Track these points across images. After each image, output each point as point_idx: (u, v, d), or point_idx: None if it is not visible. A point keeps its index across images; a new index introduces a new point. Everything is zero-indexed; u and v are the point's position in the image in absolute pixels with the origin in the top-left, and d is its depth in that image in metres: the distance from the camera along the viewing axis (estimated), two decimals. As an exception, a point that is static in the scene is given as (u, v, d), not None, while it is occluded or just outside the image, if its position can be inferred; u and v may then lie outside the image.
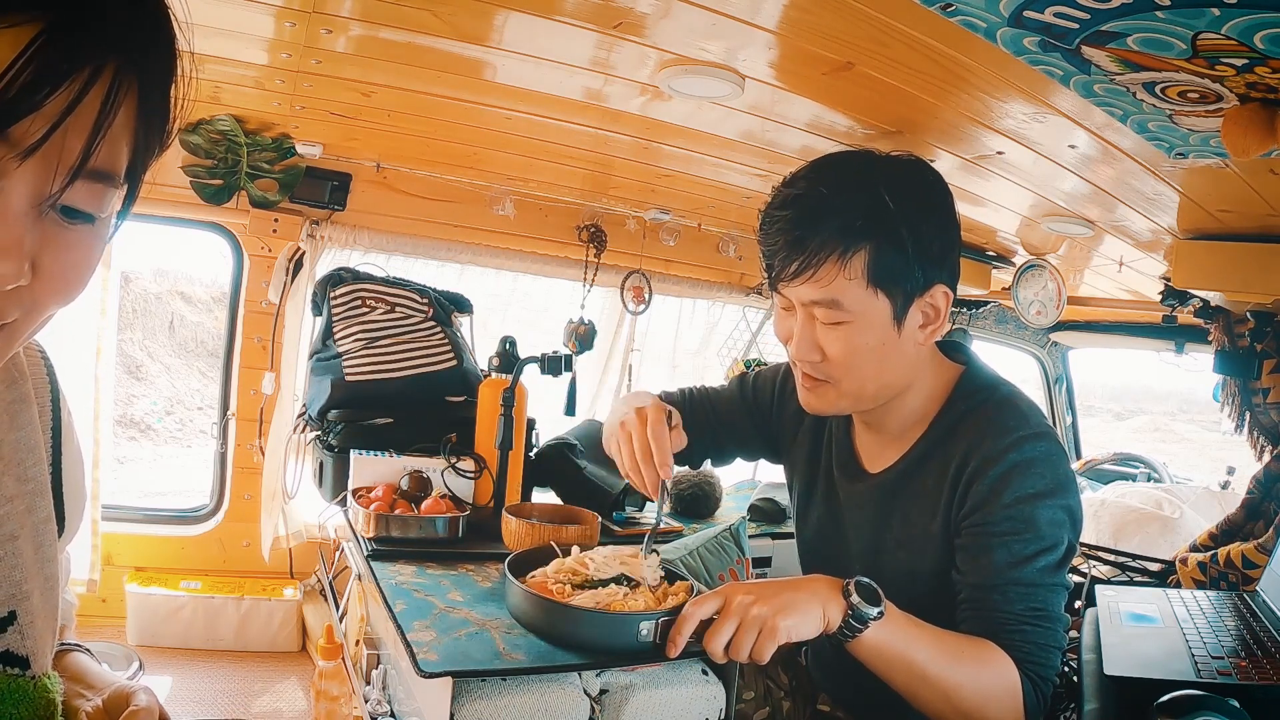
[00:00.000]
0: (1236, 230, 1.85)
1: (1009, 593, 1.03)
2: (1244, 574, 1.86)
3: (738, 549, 2.07)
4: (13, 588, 0.61)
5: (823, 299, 1.06)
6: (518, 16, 1.25)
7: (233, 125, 2.17)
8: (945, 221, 1.10)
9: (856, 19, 1.09)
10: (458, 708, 1.01)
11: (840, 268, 1.04)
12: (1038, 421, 1.10)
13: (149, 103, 0.51)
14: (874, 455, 1.23)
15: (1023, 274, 2.73)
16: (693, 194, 2.50)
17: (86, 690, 0.71)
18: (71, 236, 0.50)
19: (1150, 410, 14.73)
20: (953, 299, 1.11)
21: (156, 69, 0.51)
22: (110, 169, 0.50)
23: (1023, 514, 1.03)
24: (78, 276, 0.52)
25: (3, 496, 0.62)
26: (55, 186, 0.47)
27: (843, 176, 1.08)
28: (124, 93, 0.48)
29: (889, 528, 1.18)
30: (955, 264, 1.11)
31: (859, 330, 1.07)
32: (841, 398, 1.14)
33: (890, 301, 1.06)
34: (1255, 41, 0.89)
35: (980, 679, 0.99)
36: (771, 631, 0.94)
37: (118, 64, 0.47)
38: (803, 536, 1.37)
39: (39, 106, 0.44)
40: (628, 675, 1.12)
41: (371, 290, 2.11)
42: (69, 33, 0.44)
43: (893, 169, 1.09)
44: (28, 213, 0.47)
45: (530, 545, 1.36)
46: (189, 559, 2.50)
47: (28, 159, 0.45)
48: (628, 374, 3.18)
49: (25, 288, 0.49)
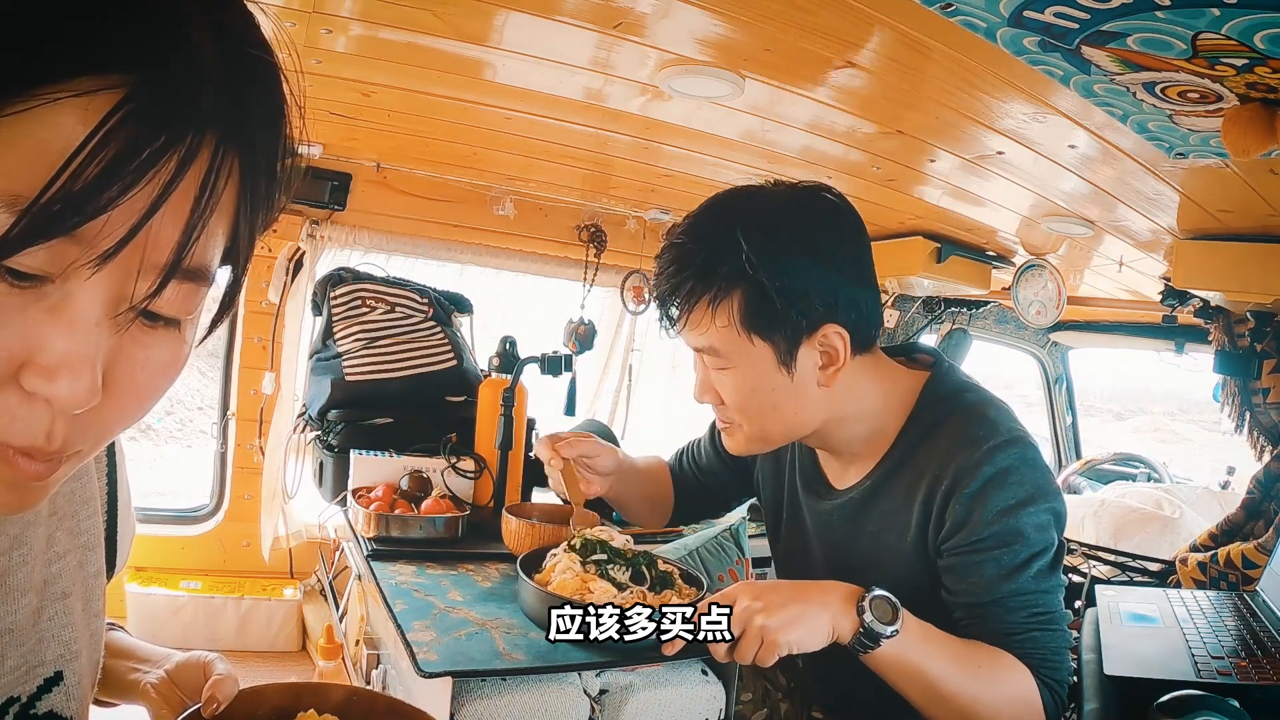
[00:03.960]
0: (1236, 230, 1.85)
1: (1009, 604, 1.01)
2: (1244, 574, 1.87)
3: (737, 549, 2.07)
4: (61, 647, 0.57)
5: (703, 346, 1.07)
6: (518, 16, 1.25)
7: (233, 125, 2.17)
8: (829, 258, 1.04)
9: (856, 19, 1.09)
10: (458, 708, 1.01)
11: (710, 315, 1.04)
12: (1008, 427, 1.06)
13: (254, 182, 0.41)
14: (839, 472, 1.19)
15: (1023, 274, 2.73)
16: (693, 194, 2.50)
17: (140, 665, 0.69)
18: (153, 342, 0.41)
19: (1150, 410, 14.72)
20: (853, 338, 1.05)
21: (264, 140, 0.41)
22: (204, 265, 0.40)
23: (1008, 526, 1.00)
24: (154, 389, 0.43)
25: (55, 553, 0.57)
26: (139, 294, 0.38)
27: (709, 224, 1.07)
28: (226, 175, 0.38)
29: (858, 545, 1.14)
30: (854, 298, 1.05)
31: (744, 375, 1.06)
32: (750, 440, 1.12)
33: (771, 345, 1.03)
34: (1255, 41, 0.89)
35: (999, 691, 0.97)
36: (773, 646, 0.92)
37: (218, 139, 0.38)
38: (775, 555, 1.35)
39: (120, 199, 0.34)
40: (628, 675, 1.12)
41: (371, 290, 2.11)
42: (157, 103, 0.34)
43: (767, 211, 1.06)
44: (104, 321, 0.38)
45: (531, 545, 1.36)
46: (189, 559, 2.50)
47: (105, 264, 0.36)
48: (628, 374, 3.18)
49: (94, 407, 0.39)
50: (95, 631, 0.62)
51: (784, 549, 1.30)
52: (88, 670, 0.61)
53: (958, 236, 2.62)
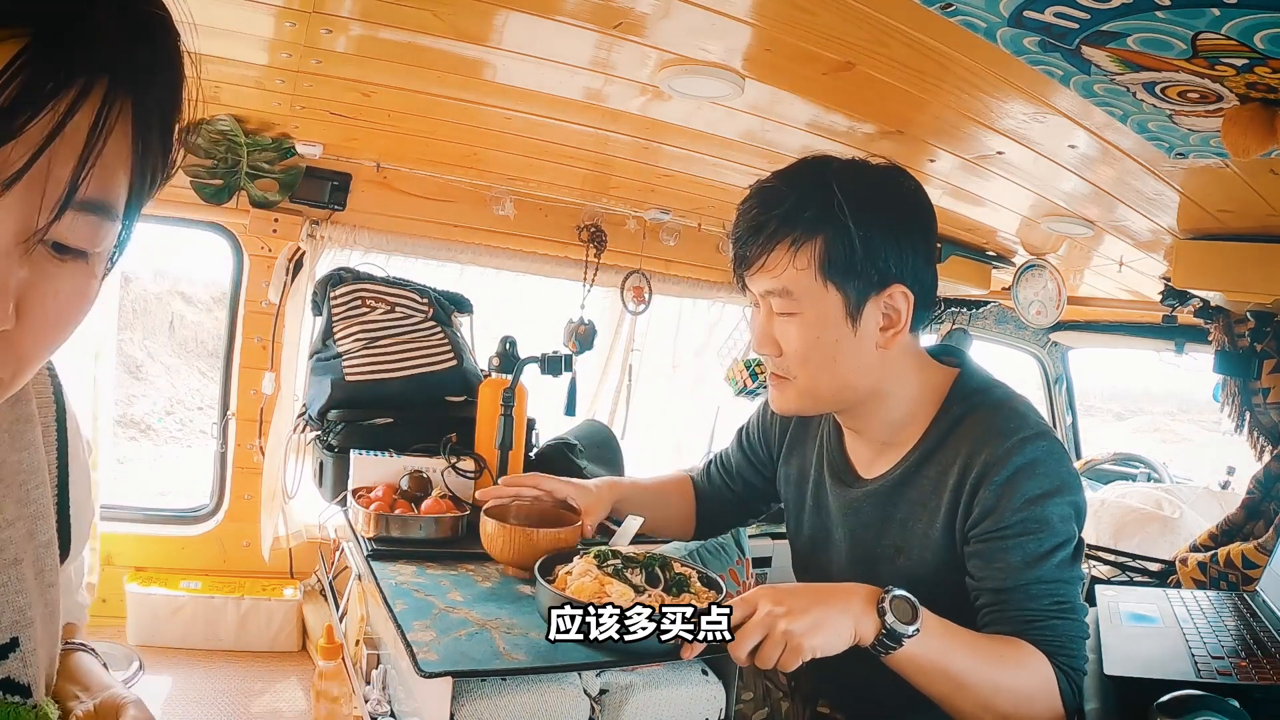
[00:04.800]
0: (1236, 230, 1.85)
1: (1032, 590, 1.03)
2: (1244, 574, 1.87)
3: (738, 549, 2.07)
4: (16, 614, 0.58)
5: (775, 288, 1.09)
6: (518, 16, 1.25)
7: (233, 125, 2.17)
8: (907, 225, 1.10)
9: (856, 19, 1.09)
10: (458, 708, 1.01)
11: (791, 256, 1.07)
12: (1036, 421, 1.10)
13: (147, 128, 0.46)
14: (867, 462, 1.22)
15: (1023, 274, 2.74)
16: (693, 194, 2.50)
17: (82, 692, 0.70)
18: (62, 274, 0.46)
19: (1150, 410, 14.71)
20: (917, 303, 1.10)
21: (155, 89, 0.46)
22: (103, 199, 0.45)
23: (1034, 514, 1.04)
24: (67, 319, 0.47)
25: (3, 520, 0.59)
26: (42, 220, 0.43)
27: (804, 174, 1.12)
28: (117, 115, 0.44)
29: (886, 534, 1.17)
30: (919, 270, 1.11)
31: (810, 323, 1.09)
32: (801, 396, 1.14)
33: (842, 296, 1.07)
34: (1255, 41, 0.89)
35: (1019, 680, 0.99)
36: (797, 650, 0.93)
37: (110, 83, 0.43)
38: (796, 546, 1.36)
39: (20, 131, 0.39)
40: (628, 675, 1.12)
41: (371, 290, 2.11)
42: (54, 48, 0.40)
43: (858, 172, 1.11)
44: (12, 250, 0.43)
45: (509, 552, 1.35)
46: (189, 559, 2.50)
47: (9, 189, 0.41)
48: (628, 374, 3.18)
49: (7, 334, 0.44)
50: (50, 603, 0.63)
51: (807, 540, 1.31)
52: (44, 641, 0.62)
53: (958, 236, 2.62)
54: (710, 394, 3.45)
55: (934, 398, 1.17)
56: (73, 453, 0.69)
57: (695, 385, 3.49)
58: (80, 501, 0.71)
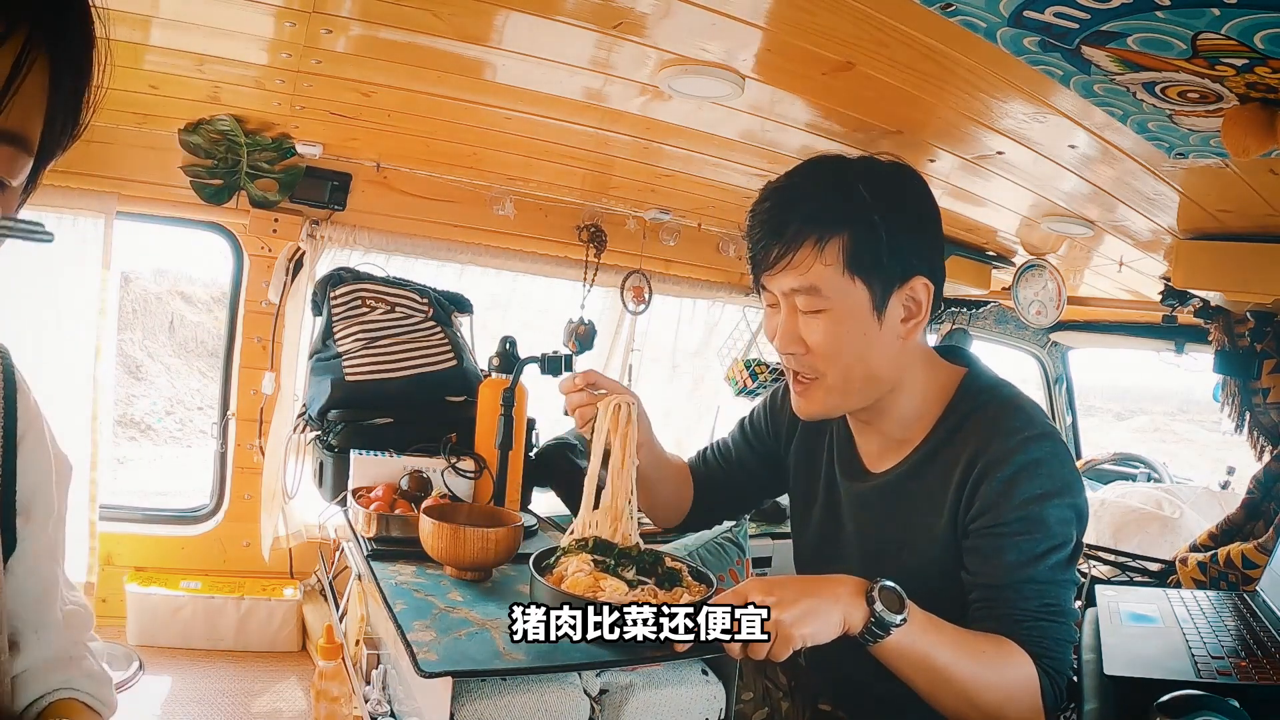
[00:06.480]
0: (1236, 230, 1.85)
1: (1023, 590, 1.04)
2: (1244, 574, 1.87)
3: (738, 549, 2.07)
4: None
5: (801, 286, 1.09)
6: (518, 16, 1.25)
7: (233, 125, 2.17)
8: (923, 218, 1.14)
9: (856, 19, 1.09)
10: (458, 708, 1.01)
11: (817, 254, 1.08)
12: (1042, 422, 1.11)
13: (61, 82, 0.51)
14: (876, 456, 1.23)
15: (1023, 274, 2.73)
16: (693, 194, 2.50)
17: None
18: None
19: (1150, 410, 14.71)
20: (934, 295, 1.12)
21: (70, 48, 0.51)
22: (20, 132, 0.50)
23: (1033, 514, 1.04)
24: None
25: None
26: None
27: (820, 172, 1.13)
28: (34, 61, 0.48)
29: (892, 528, 1.18)
30: (936, 261, 1.13)
31: (839, 318, 1.09)
32: (830, 394, 1.15)
33: (868, 289, 1.08)
34: (1255, 41, 0.89)
35: (1002, 677, 1.00)
36: (787, 640, 0.94)
37: (29, 32, 0.47)
38: (802, 538, 1.37)
39: None
40: (628, 675, 1.12)
41: (371, 290, 2.11)
42: None
43: (871, 167, 1.13)
44: None
45: (452, 552, 1.32)
46: (189, 559, 2.50)
47: None
48: (628, 374, 3.18)
49: None
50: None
51: (815, 532, 1.32)
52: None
53: (958, 236, 2.62)
54: (710, 394, 3.45)
55: (942, 395, 1.18)
56: (23, 438, 0.65)
57: (695, 385, 3.49)
58: (29, 491, 0.66)
